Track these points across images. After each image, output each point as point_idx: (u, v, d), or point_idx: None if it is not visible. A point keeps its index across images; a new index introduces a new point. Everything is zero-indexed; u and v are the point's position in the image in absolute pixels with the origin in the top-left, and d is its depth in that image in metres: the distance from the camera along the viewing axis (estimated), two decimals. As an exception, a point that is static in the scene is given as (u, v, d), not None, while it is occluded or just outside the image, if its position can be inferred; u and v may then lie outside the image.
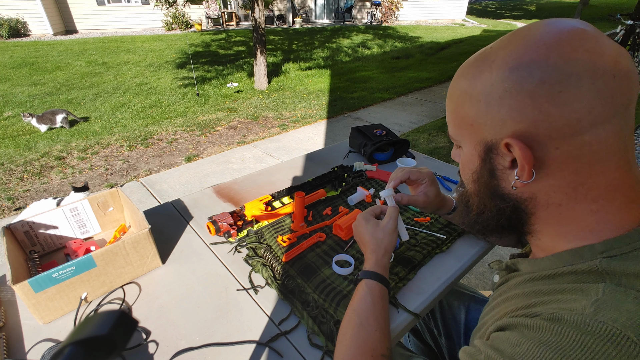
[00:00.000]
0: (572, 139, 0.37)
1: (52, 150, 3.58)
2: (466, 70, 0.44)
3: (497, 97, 0.39)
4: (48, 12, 10.33)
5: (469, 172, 0.48)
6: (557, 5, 20.51)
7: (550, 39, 0.37)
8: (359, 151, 1.38)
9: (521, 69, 0.37)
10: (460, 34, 11.22)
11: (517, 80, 0.37)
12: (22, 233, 0.82)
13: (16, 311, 0.71)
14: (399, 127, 4.12)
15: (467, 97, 0.43)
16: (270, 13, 13.28)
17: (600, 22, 11.57)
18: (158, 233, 0.92)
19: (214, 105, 5.08)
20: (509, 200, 0.44)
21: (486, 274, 1.91)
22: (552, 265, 0.43)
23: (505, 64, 0.39)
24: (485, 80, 0.40)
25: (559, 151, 0.38)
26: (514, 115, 0.38)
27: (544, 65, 0.36)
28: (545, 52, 0.37)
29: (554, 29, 0.38)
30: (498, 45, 0.41)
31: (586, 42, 0.36)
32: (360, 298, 0.62)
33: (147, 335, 0.66)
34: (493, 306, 0.50)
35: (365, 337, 0.57)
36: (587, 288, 0.37)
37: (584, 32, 0.37)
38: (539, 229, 0.45)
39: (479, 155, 0.45)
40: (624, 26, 5.12)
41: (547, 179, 0.40)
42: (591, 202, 0.39)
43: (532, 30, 0.39)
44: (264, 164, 3.28)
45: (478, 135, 0.43)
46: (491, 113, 0.40)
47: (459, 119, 0.45)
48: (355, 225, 0.73)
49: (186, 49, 8.58)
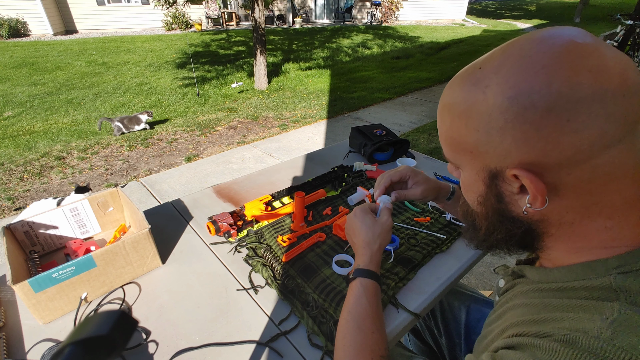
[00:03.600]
0: (584, 164, 0.34)
1: (52, 150, 3.58)
2: (456, 94, 0.40)
3: (497, 128, 0.36)
4: (48, 12, 10.33)
5: (473, 195, 0.45)
6: (557, 5, 20.51)
7: (548, 60, 0.34)
8: (359, 151, 1.38)
9: (521, 98, 0.34)
10: (460, 34, 11.22)
11: (519, 112, 0.34)
12: (22, 233, 0.82)
13: (16, 311, 0.71)
14: (399, 127, 4.12)
15: (462, 125, 0.40)
16: (270, 13, 13.28)
17: (600, 22, 11.58)
18: (158, 233, 0.92)
19: (214, 105, 5.08)
20: (519, 223, 0.42)
21: (486, 274, 1.91)
22: (562, 277, 0.41)
23: (502, 92, 0.35)
24: (481, 109, 0.37)
25: (571, 176, 0.35)
26: (520, 146, 0.35)
27: (547, 93, 0.33)
28: (545, 78, 0.33)
29: (550, 47, 0.34)
30: (489, 67, 0.37)
31: (588, 59, 0.33)
32: (355, 299, 0.60)
33: (147, 335, 0.66)
34: (499, 314, 0.48)
35: (363, 340, 0.56)
36: (601, 306, 0.35)
37: (583, 47, 0.34)
38: (550, 245, 0.43)
39: (482, 181, 0.42)
40: (624, 26, 5.12)
41: (560, 201, 0.38)
42: (606, 220, 0.37)
43: (525, 49, 0.35)
44: (264, 164, 3.28)
45: (480, 163, 0.40)
46: (493, 143, 0.37)
47: (455, 144, 0.42)
48: (350, 217, 0.71)
49: (186, 49, 8.58)
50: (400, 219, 0.97)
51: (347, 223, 0.72)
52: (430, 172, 1.26)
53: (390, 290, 0.73)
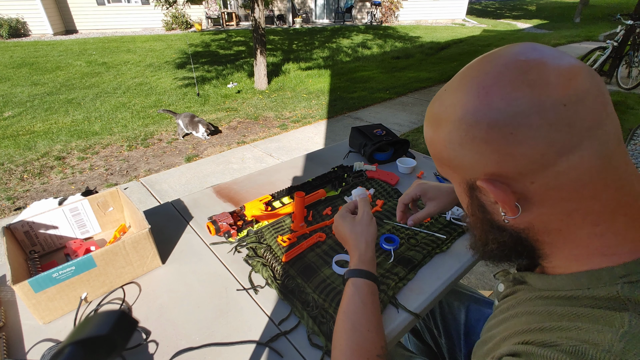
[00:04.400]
0: (544, 171, 0.35)
1: (52, 150, 3.58)
2: (428, 116, 0.45)
3: (457, 145, 0.39)
4: (48, 12, 10.33)
5: (464, 205, 0.48)
6: (557, 5, 20.51)
7: (490, 80, 0.36)
8: (359, 151, 1.38)
9: (468, 117, 0.37)
10: (460, 34, 11.22)
11: (467, 129, 0.37)
12: (22, 233, 0.82)
13: (16, 311, 0.71)
14: (399, 127, 4.12)
15: (436, 143, 0.43)
16: (270, 13, 13.28)
17: (600, 22, 11.58)
18: (158, 233, 0.92)
19: (214, 105, 5.08)
20: (506, 231, 0.43)
21: (486, 274, 1.91)
22: (566, 285, 0.41)
23: (455, 112, 0.39)
24: (446, 126, 0.40)
25: (536, 184, 0.37)
26: (478, 159, 0.38)
27: (488, 111, 0.36)
28: (485, 97, 0.36)
29: (493, 67, 0.37)
30: (450, 88, 0.41)
31: (528, 74, 0.35)
32: (349, 299, 0.60)
33: (147, 335, 0.66)
34: (501, 320, 0.48)
35: (358, 339, 0.56)
36: (609, 317, 0.34)
37: (526, 63, 0.35)
38: (549, 253, 0.43)
39: (465, 192, 0.45)
40: (624, 26, 5.12)
41: (537, 209, 0.39)
42: (593, 226, 0.37)
43: (474, 71, 0.39)
44: (264, 164, 3.28)
45: (459, 175, 0.43)
46: (460, 157, 0.40)
47: (437, 158, 0.45)
48: (335, 226, 0.73)
49: (186, 49, 8.58)
50: (400, 219, 0.97)
51: (335, 232, 0.74)
52: (430, 172, 1.26)
53: (390, 290, 0.73)
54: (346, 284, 0.63)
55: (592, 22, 12.24)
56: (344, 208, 0.75)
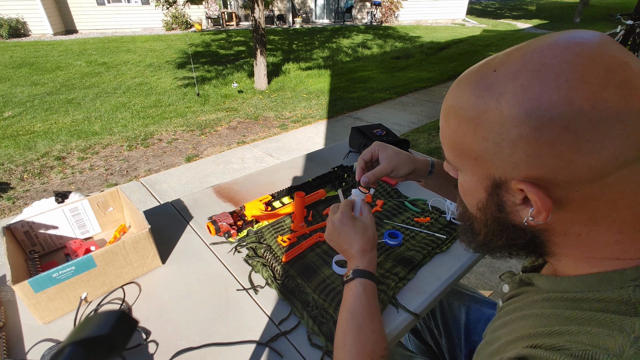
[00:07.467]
0: (595, 182, 0.33)
1: (52, 150, 3.58)
2: (465, 97, 0.37)
3: (509, 141, 0.34)
4: (48, 12, 10.33)
5: (473, 200, 0.43)
6: (557, 5, 20.51)
7: (573, 73, 0.30)
8: (359, 151, 1.38)
9: (540, 113, 0.31)
10: (460, 34, 11.22)
11: (536, 127, 0.32)
12: (22, 233, 0.82)
13: (16, 311, 0.71)
14: (399, 127, 4.12)
15: (470, 131, 0.37)
16: (270, 13, 13.28)
17: (600, 22, 11.58)
18: (158, 233, 0.92)
19: (214, 105, 5.08)
20: (520, 232, 0.41)
21: (486, 274, 1.91)
22: (575, 287, 0.39)
23: (519, 103, 0.32)
24: (493, 118, 0.34)
25: (579, 193, 0.34)
26: (530, 162, 0.33)
27: (568, 111, 0.30)
28: (568, 93, 0.30)
29: (576, 56, 0.31)
30: (505, 72, 0.34)
31: (615, 73, 0.30)
32: (355, 299, 0.60)
33: (147, 335, 0.66)
34: (506, 321, 0.46)
35: (364, 340, 0.56)
36: (620, 321, 0.33)
37: (611, 59, 0.31)
38: (558, 252, 0.41)
39: (484, 188, 0.40)
40: (624, 26, 5.13)
41: (564, 213, 0.36)
42: (617, 234, 0.36)
43: (547, 56, 0.32)
44: (264, 164, 3.28)
45: (484, 170, 0.38)
46: (501, 154, 0.35)
47: (458, 148, 0.40)
48: (335, 224, 0.67)
49: (186, 49, 8.58)
50: (400, 219, 0.97)
51: (331, 230, 0.68)
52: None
53: (390, 290, 0.73)
54: (350, 283, 0.62)
55: (592, 22, 12.24)
56: (347, 209, 0.70)
